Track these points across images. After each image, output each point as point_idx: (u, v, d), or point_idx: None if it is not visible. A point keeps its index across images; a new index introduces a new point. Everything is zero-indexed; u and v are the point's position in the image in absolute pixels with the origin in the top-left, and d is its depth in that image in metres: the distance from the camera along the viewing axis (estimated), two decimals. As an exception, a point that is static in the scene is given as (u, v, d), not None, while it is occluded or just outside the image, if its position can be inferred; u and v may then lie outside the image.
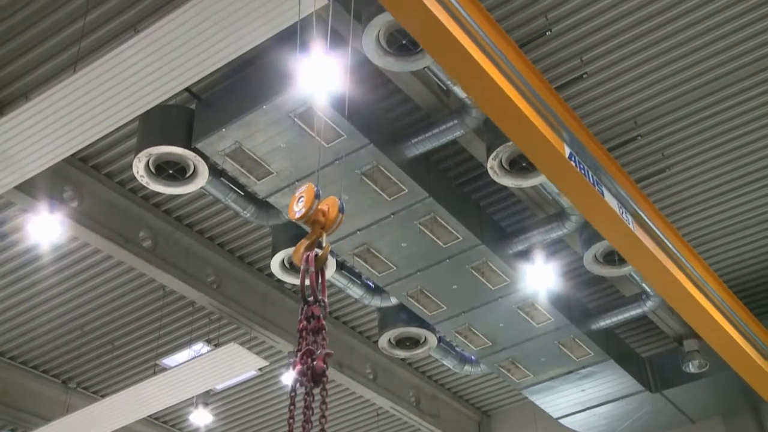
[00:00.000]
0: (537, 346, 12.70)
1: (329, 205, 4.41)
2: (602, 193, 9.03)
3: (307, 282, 4.30)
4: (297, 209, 4.36)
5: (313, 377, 4.08)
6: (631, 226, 9.42)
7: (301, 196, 4.38)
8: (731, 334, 11.12)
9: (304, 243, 4.39)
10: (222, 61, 7.96)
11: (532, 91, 8.30)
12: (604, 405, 14.23)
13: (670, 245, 10.17)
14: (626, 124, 11.14)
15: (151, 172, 9.64)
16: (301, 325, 4.23)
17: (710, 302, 10.82)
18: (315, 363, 4.08)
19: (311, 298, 4.28)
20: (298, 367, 4.09)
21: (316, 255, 4.35)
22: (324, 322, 4.23)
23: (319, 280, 4.35)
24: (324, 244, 4.38)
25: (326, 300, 4.30)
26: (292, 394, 4.17)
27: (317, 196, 4.33)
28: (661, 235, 10.04)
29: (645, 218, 9.74)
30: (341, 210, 4.38)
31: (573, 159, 8.67)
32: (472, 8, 7.69)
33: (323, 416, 4.07)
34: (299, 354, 4.14)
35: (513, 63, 8.13)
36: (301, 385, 4.08)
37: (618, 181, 9.46)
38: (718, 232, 12.89)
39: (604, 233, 9.96)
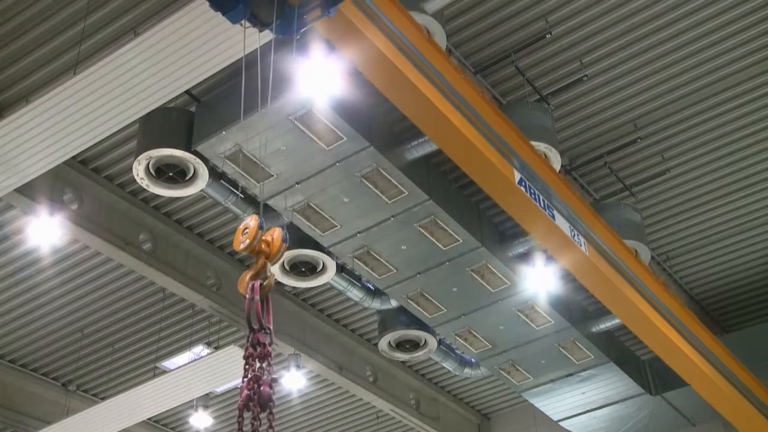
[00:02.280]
0: (537, 348, 12.69)
1: (273, 235, 4.52)
2: (553, 217, 9.12)
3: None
4: (242, 240, 4.45)
5: (260, 403, 4.17)
6: (583, 248, 9.51)
7: (246, 228, 4.49)
8: (687, 353, 11.11)
9: (249, 273, 4.53)
10: (222, 63, 7.96)
11: (480, 118, 8.33)
12: (604, 408, 14.21)
13: (624, 266, 10.21)
14: (626, 126, 11.15)
15: (151, 174, 9.64)
16: (247, 352, 4.33)
17: (666, 322, 10.80)
18: (261, 388, 4.17)
19: (257, 326, 4.36)
20: (245, 393, 4.18)
21: (261, 284, 4.46)
22: (270, 349, 4.33)
23: (266, 308, 4.50)
24: (269, 274, 4.51)
25: (271, 327, 4.38)
26: (240, 419, 4.26)
27: (261, 228, 4.48)
28: (614, 257, 10.09)
29: (598, 240, 9.80)
30: (285, 240, 4.53)
31: (523, 184, 8.76)
32: (419, 38, 7.68)
33: None
34: (246, 380, 4.21)
35: (461, 91, 8.13)
36: (249, 410, 4.18)
37: (570, 204, 9.51)
38: (721, 233, 12.90)
39: (556, 256, 9.98)
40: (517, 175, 8.71)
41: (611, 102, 10.84)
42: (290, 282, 11.50)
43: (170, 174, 9.68)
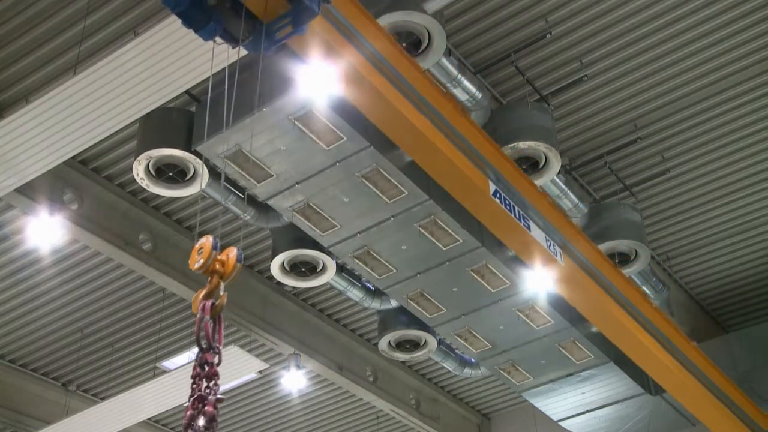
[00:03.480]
0: (537, 348, 12.67)
1: (228, 255, 4.59)
2: (528, 228, 9.20)
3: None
4: (196, 260, 4.54)
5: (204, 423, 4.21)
6: (558, 258, 9.59)
7: (201, 248, 4.56)
8: (665, 361, 11.15)
9: (202, 292, 4.55)
10: (222, 63, 7.94)
11: (456, 132, 8.41)
12: (604, 408, 14.20)
13: (600, 275, 10.29)
14: (626, 126, 11.15)
15: (151, 174, 9.64)
16: (194, 372, 4.36)
17: (643, 329, 10.86)
18: (205, 408, 4.20)
19: (206, 346, 4.40)
20: (190, 412, 4.20)
21: (213, 304, 4.50)
22: (217, 369, 4.36)
23: (217, 328, 4.50)
24: (221, 294, 4.54)
25: (221, 347, 4.44)
26: None
27: (215, 248, 4.51)
28: (591, 266, 10.18)
29: (574, 250, 9.89)
30: (239, 260, 4.56)
31: (498, 196, 8.83)
32: (392, 53, 7.70)
33: None
34: (191, 399, 4.25)
35: (435, 105, 8.18)
36: (193, 430, 4.21)
37: (547, 215, 9.60)
38: (721, 233, 12.90)
39: (534, 266, 10.05)
40: (492, 187, 8.79)
41: (611, 102, 10.84)
42: (290, 282, 11.49)
43: (170, 174, 9.68)
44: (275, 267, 11.21)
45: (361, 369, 14.60)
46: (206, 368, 4.33)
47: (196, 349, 4.41)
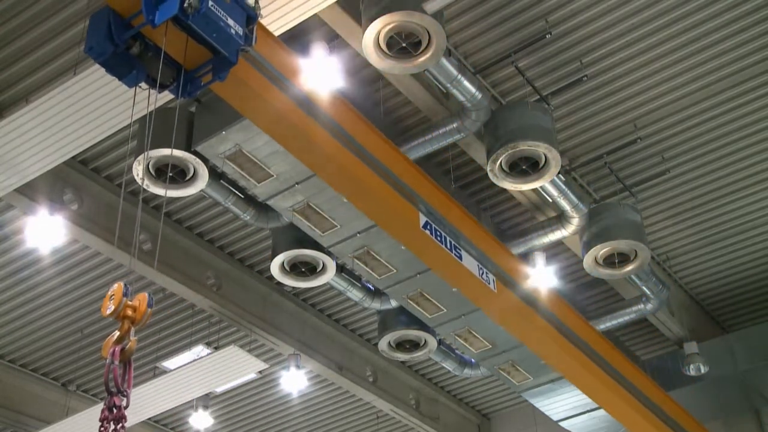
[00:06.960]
0: (537, 348, 12.67)
1: (140, 300, 4.72)
2: (460, 257, 9.35)
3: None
4: (108, 306, 4.68)
5: None
6: (491, 285, 9.75)
7: (113, 294, 4.70)
8: (604, 383, 11.25)
9: (113, 337, 4.69)
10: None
11: (384, 167, 8.58)
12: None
13: (534, 300, 10.39)
14: (626, 126, 11.15)
15: (151, 174, 9.63)
16: (102, 415, 4.53)
17: (577, 348, 10.94)
18: None
19: (115, 390, 4.57)
20: None
21: (123, 349, 4.65)
22: (125, 412, 4.55)
23: (126, 372, 4.71)
24: (130, 338, 4.69)
25: (130, 391, 4.63)
26: None
27: (125, 294, 4.65)
28: (525, 292, 10.30)
29: (507, 277, 10.00)
30: (150, 305, 4.70)
31: (428, 228, 9.01)
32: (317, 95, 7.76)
33: None
34: None
35: (362, 142, 8.32)
36: None
37: (480, 244, 9.77)
38: (721, 233, 12.89)
39: (466, 294, 10.10)
40: (423, 219, 8.87)
41: (611, 102, 10.84)
42: (290, 282, 11.49)
43: (170, 174, 9.67)
44: (275, 267, 11.21)
45: (361, 369, 14.60)
46: (114, 411, 4.46)
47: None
